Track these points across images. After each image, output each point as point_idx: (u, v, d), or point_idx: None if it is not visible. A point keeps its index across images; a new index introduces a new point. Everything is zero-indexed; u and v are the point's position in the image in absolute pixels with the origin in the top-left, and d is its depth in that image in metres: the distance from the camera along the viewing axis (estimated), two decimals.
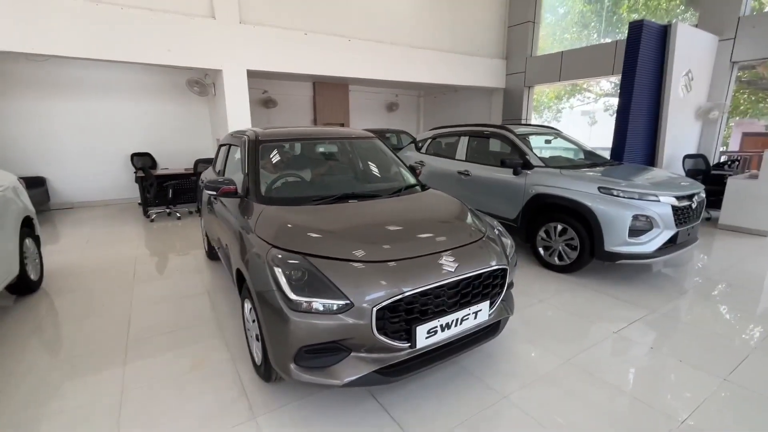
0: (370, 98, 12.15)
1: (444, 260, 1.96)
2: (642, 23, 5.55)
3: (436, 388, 2.18)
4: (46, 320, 3.03)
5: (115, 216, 6.73)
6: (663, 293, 3.43)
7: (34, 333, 2.82)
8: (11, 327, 2.90)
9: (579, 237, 3.65)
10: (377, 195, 2.67)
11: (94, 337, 2.77)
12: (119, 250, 4.80)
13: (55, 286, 3.69)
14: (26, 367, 2.42)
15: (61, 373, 2.35)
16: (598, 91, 15.19)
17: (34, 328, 2.90)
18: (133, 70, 7.65)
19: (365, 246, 1.95)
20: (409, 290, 1.79)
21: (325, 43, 7.37)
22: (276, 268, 1.84)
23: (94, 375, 2.34)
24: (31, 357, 2.53)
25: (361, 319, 1.75)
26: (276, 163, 2.90)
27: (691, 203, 3.60)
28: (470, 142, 4.99)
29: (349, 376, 1.79)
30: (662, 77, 6.11)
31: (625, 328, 2.84)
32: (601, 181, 3.61)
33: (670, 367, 2.38)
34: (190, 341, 2.70)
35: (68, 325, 2.97)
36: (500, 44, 10.20)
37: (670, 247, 3.51)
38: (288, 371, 1.82)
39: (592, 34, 10.57)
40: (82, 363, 2.46)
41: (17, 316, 3.06)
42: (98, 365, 2.43)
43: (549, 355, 2.50)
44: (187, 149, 8.37)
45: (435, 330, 1.90)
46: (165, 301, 3.34)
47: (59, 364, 2.46)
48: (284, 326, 1.76)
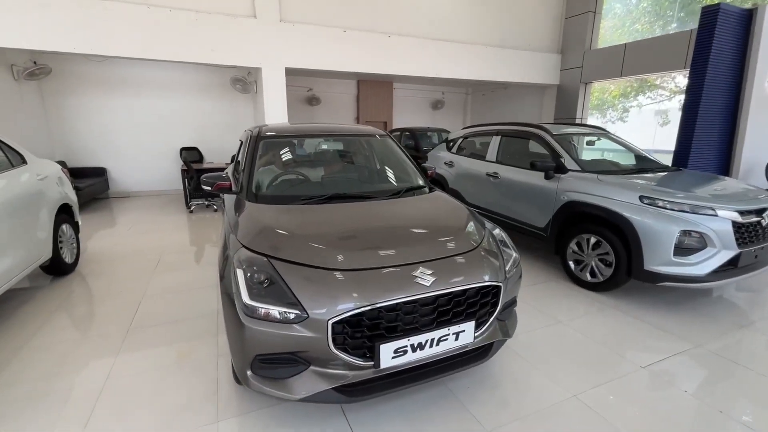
0: (415, 96, 11.94)
1: (419, 272, 1.75)
2: (719, 7, 4.80)
3: (412, 411, 1.98)
4: (68, 301, 3.25)
5: (162, 206, 7.21)
6: (715, 326, 2.89)
7: (54, 313, 3.03)
8: (39, 305, 3.15)
9: (615, 252, 3.20)
10: (372, 196, 2.50)
11: (101, 321, 2.91)
12: (154, 238, 5.09)
13: (89, 269, 3.97)
14: (35, 344, 2.58)
15: (60, 355, 2.48)
16: (673, 88, 13.62)
17: (55, 307, 3.12)
18: (184, 69, 8.14)
19: (333, 251, 1.80)
20: (371, 304, 1.61)
21: (364, 40, 7.29)
22: (238, 270, 1.76)
23: (88, 360, 2.43)
24: (42, 336, 2.71)
25: (316, 331, 1.60)
26: (274, 159, 2.84)
27: (761, 219, 2.99)
28: (502, 142, 4.62)
29: (306, 391, 1.65)
30: (743, 70, 5.25)
31: (657, 363, 2.41)
32: (644, 189, 3.13)
33: (707, 419, 1.95)
34: (186, 334, 2.74)
35: (83, 307, 3.16)
36: (555, 37, 9.47)
37: (730, 270, 2.95)
38: (246, 379, 1.73)
39: (669, 24, 9.43)
40: (82, 346, 2.58)
41: (46, 296, 3.33)
42: (94, 351, 2.53)
43: (553, 386, 2.18)
44: (231, 145, 8.74)
45: (404, 350, 1.70)
46: (176, 291, 3.45)
47: (62, 345, 2.59)
48: (239, 331, 1.67)
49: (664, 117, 14.83)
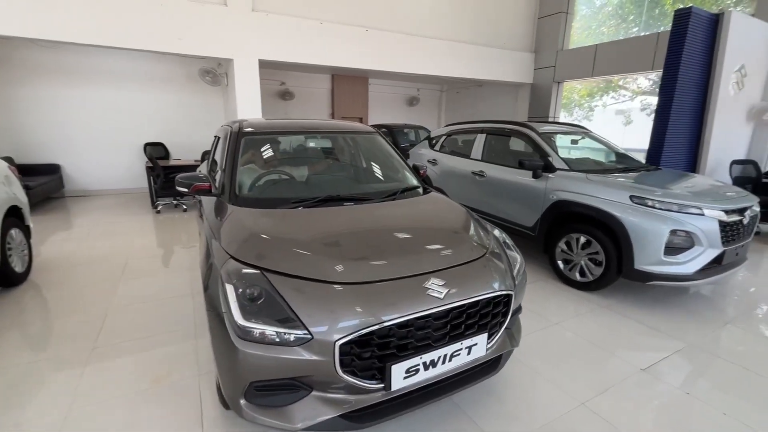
0: (390, 92, 11.78)
1: (431, 284, 1.61)
2: (690, 10, 4.94)
3: (416, 428, 1.85)
4: (20, 317, 2.87)
5: (125, 205, 6.69)
6: (703, 322, 2.95)
7: (3, 331, 2.67)
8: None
9: (605, 251, 3.20)
10: (367, 198, 2.34)
11: (60, 339, 2.59)
12: (118, 241, 4.68)
13: (44, 278, 3.56)
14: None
15: (11, 381, 2.16)
16: (635, 89, 14.23)
17: (5, 325, 2.75)
18: (147, 58, 7.58)
19: (336, 263, 1.63)
20: (384, 321, 1.46)
21: (341, 33, 7.06)
22: (228, 285, 1.55)
23: (48, 384, 2.13)
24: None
25: (322, 354, 1.43)
26: (258, 158, 2.61)
27: (743, 218, 3.08)
28: (487, 140, 4.56)
29: (307, 419, 1.48)
30: (710, 73, 5.46)
31: (656, 365, 2.41)
32: (634, 188, 3.15)
33: (710, 420, 1.95)
34: (161, 350, 2.47)
35: (39, 323, 2.80)
36: (529, 36, 9.60)
37: (715, 268, 3.02)
38: (239, 408, 1.53)
39: (631, 27, 9.78)
40: (40, 369, 2.27)
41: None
42: (55, 372, 2.23)
43: (560, 395, 2.12)
44: (200, 140, 8.27)
45: (416, 369, 1.56)
46: (146, 301, 3.15)
47: (18, 368, 2.27)
48: (232, 356, 1.47)
49: (626, 117, 15.51)
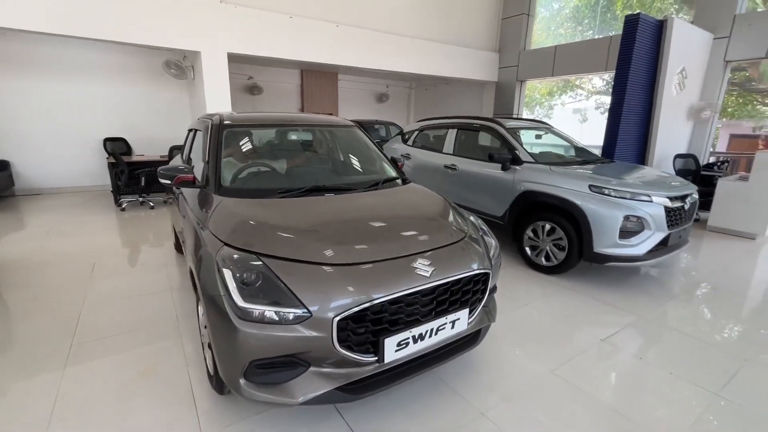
0: (360, 88, 11.84)
1: (418, 264, 1.74)
2: (638, 16, 5.38)
3: (407, 402, 1.99)
4: None
5: (85, 204, 6.37)
6: (651, 298, 3.29)
7: None
8: None
9: (567, 237, 3.48)
10: (351, 188, 2.44)
11: (35, 338, 2.50)
12: (82, 241, 4.48)
13: (4, 280, 3.38)
14: None
15: None
16: (590, 89, 15.11)
17: None
18: (108, 49, 7.21)
19: (329, 246, 1.73)
20: (377, 298, 1.58)
21: (311, 28, 7.04)
22: (225, 270, 1.61)
23: (27, 381, 2.08)
24: None
25: (320, 330, 1.53)
26: (241, 150, 2.64)
27: (684, 204, 3.45)
28: (458, 135, 4.77)
29: (307, 393, 1.57)
30: (656, 74, 5.96)
31: (613, 336, 2.68)
32: (592, 179, 3.44)
33: (660, 380, 2.22)
34: (143, 344, 2.46)
35: (8, 324, 2.69)
36: (493, 37, 9.97)
37: (661, 249, 3.37)
38: (238, 387, 1.60)
39: (586, 30, 10.39)
40: (15, 368, 2.20)
41: None
42: (33, 370, 2.18)
43: (532, 365, 2.33)
44: (165, 135, 7.98)
45: (406, 342, 1.69)
46: (122, 298, 3.08)
47: None
48: (232, 337, 1.53)
49: (583, 115, 16.44)
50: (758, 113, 8.63)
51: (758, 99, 8.34)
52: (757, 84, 8.15)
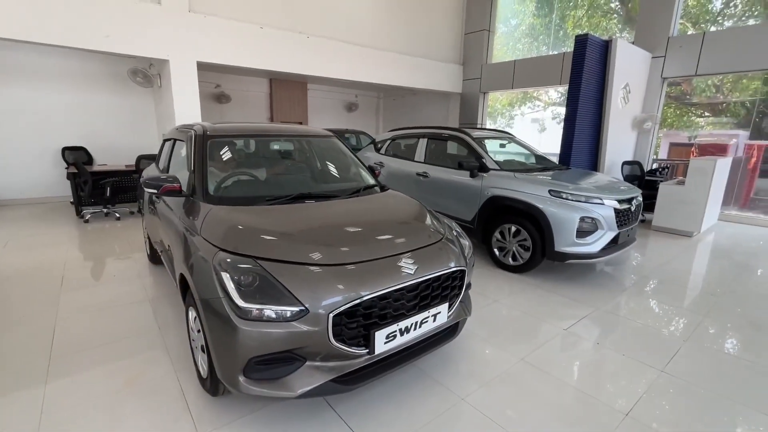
0: (330, 98, 11.98)
1: (403, 262, 1.91)
2: (587, 37, 5.90)
3: (394, 394, 2.14)
4: None
5: (43, 216, 6.05)
6: (606, 291, 3.64)
7: None
8: None
9: (531, 238, 3.78)
10: (335, 195, 2.58)
11: (7, 354, 2.43)
12: (45, 254, 4.30)
13: None
14: None
15: None
16: (547, 100, 16.09)
17: None
18: (68, 56, 6.94)
19: (321, 248, 1.86)
20: (368, 294, 1.73)
21: (282, 39, 7.14)
22: (223, 273, 1.70)
23: (6, 397, 2.04)
24: None
25: (316, 326, 1.66)
26: (226, 160, 2.72)
27: (631, 206, 3.85)
28: (429, 144, 5.03)
29: (304, 386, 1.69)
30: (604, 89, 6.53)
31: (574, 326, 2.96)
32: (551, 184, 3.77)
33: (615, 361, 2.51)
34: (126, 354, 2.45)
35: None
36: (457, 50, 10.47)
37: (613, 247, 3.74)
38: (236, 384, 1.69)
39: (541, 46, 11.14)
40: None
41: None
42: (12, 386, 2.13)
43: (504, 354, 2.55)
44: (129, 144, 7.74)
45: (394, 335, 1.85)
46: (98, 310, 3.03)
47: None
48: (232, 336, 1.63)
49: (541, 124, 17.43)
50: (693, 124, 9.55)
51: (692, 111, 9.26)
52: (690, 98, 9.06)
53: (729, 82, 8.04)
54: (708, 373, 2.39)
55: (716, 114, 9.01)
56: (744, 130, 8.18)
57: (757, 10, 7.18)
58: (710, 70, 6.73)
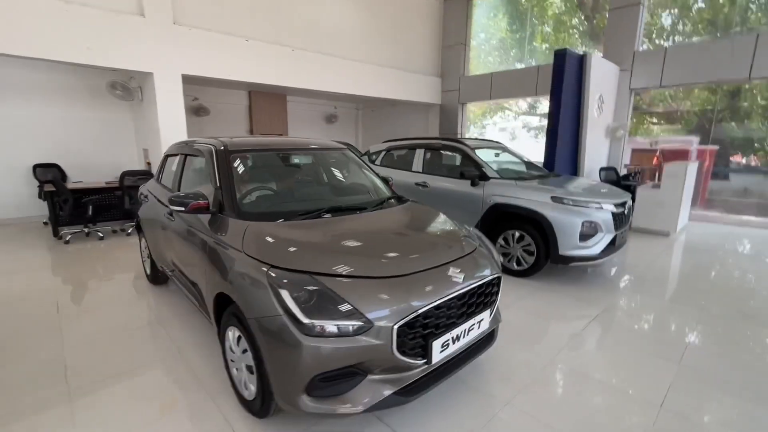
0: (309, 109, 11.94)
1: (451, 272, 1.96)
2: (565, 51, 6.26)
3: (437, 403, 2.16)
4: None
5: (16, 238, 5.63)
6: (607, 290, 3.83)
7: None
8: None
9: (535, 243, 3.93)
10: (362, 207, 2.59)
11: (21, 389, 2.25)
12: (31, 279, 4.01)
13: None
14: None
15: None
16: (517, 110, 16.80)
17: None
18: (40, 68, 6.56)
19: (374, 260, 1.88)
20: (428, 304, 1.76)
21: (267, 52, 7.11)
22: (282, 291, 1.68)
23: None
24: None
25: (380, 339, 1.66)
26: (251, 175, 2.67)
27: (624, 210, 4.09)
28: (426, 154, 5.13)
29: (368, 401, 1.69)
30: (580, 100, 6.93)
31: (588, 326, 3.10)
32: (552, 191, 3.95)
33: (634, 357, 2.65)
34: (152, 381, 2.34)
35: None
36: (436, 63, 10.77)
37: (611, 248, 3.94)
38: (297, 404, 1.66)
39: (510, 59, 11.66)
40: (13, 424, 1.98)
41: None
42: (35, 425, 1.98)
43: (534, 358, 2.63)
44: (105, 160, 7.38)
45: (447, 343, 1.88)
46: (107, 336, 2.86)
47: None
48: (295, 354, 1.61)
49: (511, 133, 18.12)
50: (651, 131, 10.26)
51: (647, 119, 9.96)
52: (648, 107, 9.75)
53: (680, 93, 8.76)
54: (719, 361, 2.58)
55: (671, 122, 9.77)
56: (695, 136, 8.95)
57: (702, 28, 7.94)
58: (673, 82, 7.30)
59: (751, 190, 8.68)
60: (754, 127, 8.36)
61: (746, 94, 8.23)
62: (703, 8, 8.22)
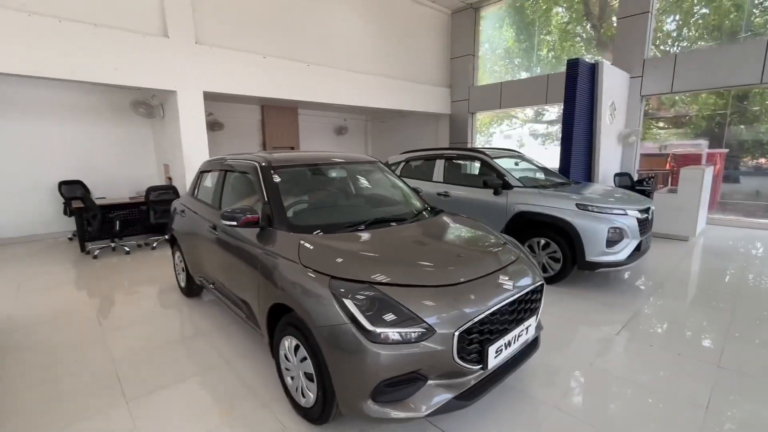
0: (320, 122, 12.12)
1: (501, 279, 2.03)
2: (578, 61, 6.38)
3: (488, 410, 2.20)
4: (13, 385, 2.47)
5: (44, 254, 5.76)
6: (635, 296, 3.87)
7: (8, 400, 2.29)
8: None
9: (561, 250, 3.99)
10: (403, 219, 2.68)
11: (81, 399, 2.33)
12: (67, 294, 4.11)
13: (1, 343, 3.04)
14: None
15: None
16: (523, 118, 16.96)
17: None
18: (65, 88, 6.77)
19: (430, 269, 1.96)
20: (486, 311, 1.83)
21: (283, 67, 7.29)
22: (346, 300, 1.76)
23: None
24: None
25: (442, 344, 1.73)
26: (295, 189, 2.77)
27: (648, 215, 4.15)
28: (446, 165, 5.23)
29: (430, 405, 1.74)
30: (593, 107, 7.02)
31: (622, 330, 3.14)
32: (576, 198, 4.02)
33: (673, 360, 2.68)
34: (205, 392, 2.40)
35: (36, 390, 2.45)
36: (445, 74, 10.95)
37: (637, 253, 3.99)
38: (361, 409, 1.72)
39: (517, 68, 11.83)
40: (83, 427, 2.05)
41: None
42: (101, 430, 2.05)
43: (572, 362, 2.67)
44: (126, 176, 7.55)
45: (501, 349, 1.94)
46: (151, 348, 2.93)
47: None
48: (362, 360, 1.67)
49: (519, 141, 18.24)
50: (660, 136, 10.33)
51: (654, 125, 10.04)
52: (657, 113, 9.83)
53: (688, 97, 8.85)
54: (757, 361, 2.61)
55: (679, 126, 9.84)
56: (704, 139, 9.02)
57: (708, 34, 8.07)
58: (684, 88, 7.39)
59: (763, 192, 8.70)
60: (763, 130, 8.41)
61: (756, 97, 8.30)
62: (708, 14, 8.35)
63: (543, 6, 10.34)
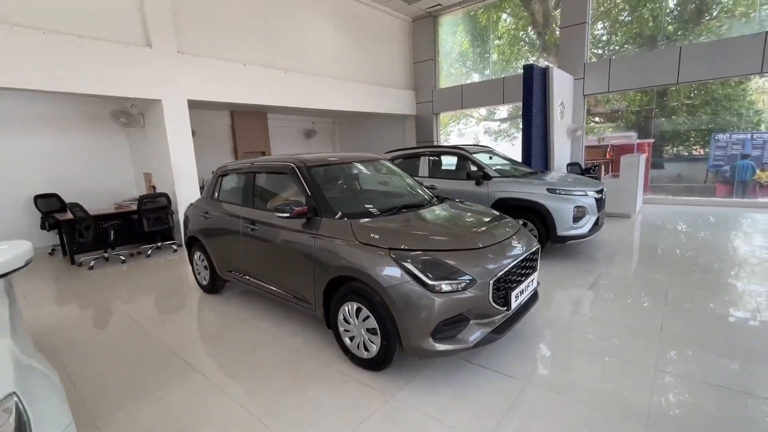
0: (289, 126, 12.33)
1: (514, 242, 2.63)
2: (533, 66, 7.28)
3: (460, 387, 2.78)
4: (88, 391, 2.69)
5: (33, 270, 5.61)
6: (596, 261, 4.70)
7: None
8: None
9: (537, 228, 4.73)
10: (423, 205, 3.21)
11: (159, 377, 2.62)
12: (83, 304, 4.18)
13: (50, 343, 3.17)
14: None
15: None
16: (478, 116, 18.15)
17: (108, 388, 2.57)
18: (38, 99, 6.57)
19: (465, 237, 2.52)
20: (510, 264, 2.42)
21: (263, 75, 7.55)
22: (407, 264, 2.26)
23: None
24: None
25: (481, 291, 2.29)
26: (330, 184, 3.21)
27: (602, 195, 5.02)
28: (430, 161, 5.84)
29: (474, 338, 2.30)
30: (546, 106, 7.99)
31: (593, 286, 3.91)
32: (546, 184, 4.78)
33: (632, 302, 3.45)
34: (268, 360, 2.79)
35: (113, 376, 2.70)
36: (409, 77, 11.63)
37: (596, 227, 4.83)
38: (424, 346, 2.24)
39: (470, 71, 12.80)
40: (171, 388, 2.37)
41: None
42: (191, 388, 2.39)
43: (559, 314, 3.36)
44: (104, 187, 7.42)
45: (518, 295, 2.54)
46: (199, 334, 3.24)
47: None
48: (425, 307, 2.19)
49: (475, 138, 19.42)
50: (597, 129, 11.68)
51: (591, 119, 11.40)
52: (593, 108, 11.17)
53: (619, 96, 10.23)
54: (693, 299, 3.45)
55: (613, 120, 11.28)
56: (634, 131, 10.48)
57: (630, 39, 9.46)
58: (618, 88, 8.60)
59: (683, 175, 10.31)
60: (680, 122, 9.96)
61: (673, 94, 9.80)
62: (632, 22, 9.72)
63: (494, 15, 11.32)
